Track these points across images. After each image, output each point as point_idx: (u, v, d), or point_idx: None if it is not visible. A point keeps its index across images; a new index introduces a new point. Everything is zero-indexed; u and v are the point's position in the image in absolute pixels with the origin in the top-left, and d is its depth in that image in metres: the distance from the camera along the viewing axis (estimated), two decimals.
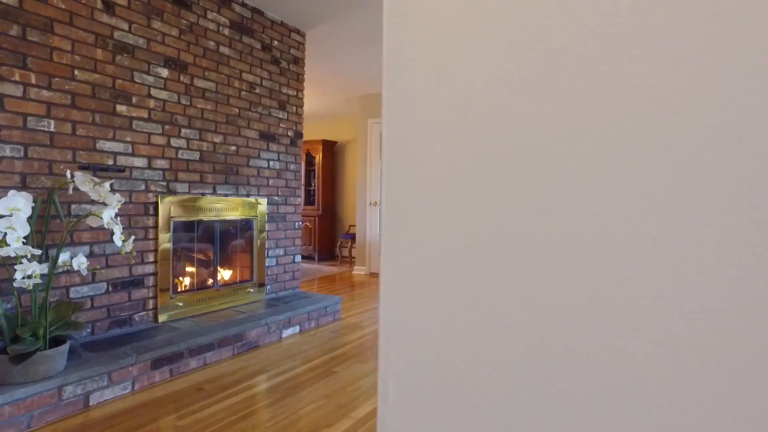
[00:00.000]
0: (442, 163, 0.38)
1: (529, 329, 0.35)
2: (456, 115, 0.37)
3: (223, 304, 3.43)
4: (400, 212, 0.39)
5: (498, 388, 0.36)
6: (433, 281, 0.38)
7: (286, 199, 4.03)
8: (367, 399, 2.41)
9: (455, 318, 0.37)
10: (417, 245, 0.39)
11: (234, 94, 3.47)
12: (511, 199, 0.35)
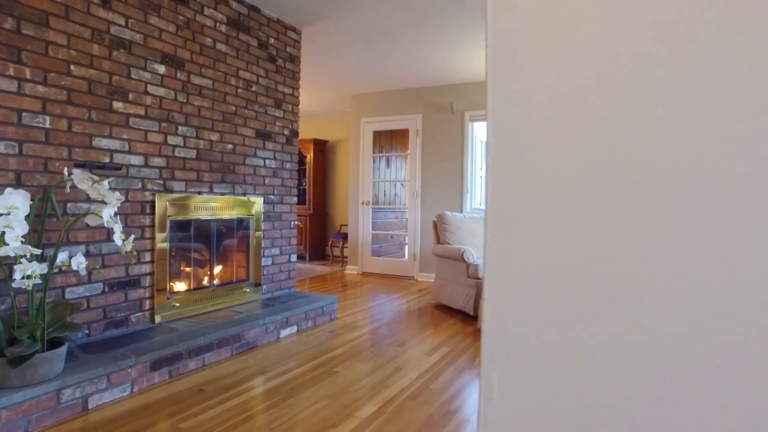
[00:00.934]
0: (549, 169, 0.37)
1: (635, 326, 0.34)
2: (565, 120, 0.36)
3: (219, 305, 3.38)
4: (506, 213, 0.38)
5: (608, 385, 0.35)
6: (541, 278, 0.37)
7: (282, 198, 4.00)
8: (370, 399, 2.40)
9: (562, 314, 0.37)
10: (522, 244, 0.38)
11: (230, 92, 3.43)
12: (616, 203, 0.35)
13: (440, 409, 2.30)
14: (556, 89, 0.37)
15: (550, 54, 0.37)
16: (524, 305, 0.37)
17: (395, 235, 7.70)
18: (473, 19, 3.93)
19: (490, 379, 0.39)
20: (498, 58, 0.39)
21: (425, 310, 4.55)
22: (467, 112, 6.02)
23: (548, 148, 0.37)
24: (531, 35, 0.38)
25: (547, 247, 0.37)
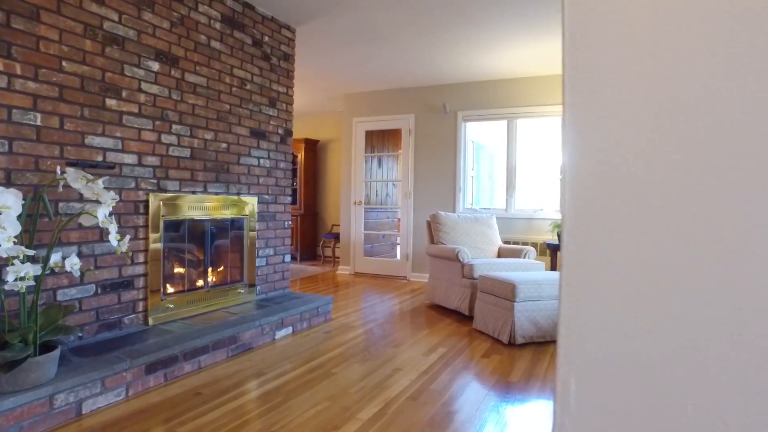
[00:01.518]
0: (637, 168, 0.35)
1: (732, 330, 0.33)
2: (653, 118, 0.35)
3: (214, 306, 3.33)
4: (586, 213, 0.36)
5: (699, 391, 0.34)
6: (626, 279, 0.36)
7: (276, 197, 3.95)
8: (371, 400, 2.37)
9: (649, 317, 0.35)
10: (605, 244, 0.36)
11: (225, 90, 3.38)
12: (708, 203, 0.33)
13: (442, 410, 2.29)
14: (641, 85, 0.35)
15: (633, 48, 0.35)
16: (606, 307, 0.35)
17: (387, 235, 7.69)
18: (467, 18, 3.92)
19: (567, 383, 0.37)
20: (576, 51, 0.37)
21: (419, 310, 4.54)
22: (460, 112, 6.03)
23: (635, 147, 0.35)
24: (613, 25, 0.36)
25: (634, 247, 0.35)
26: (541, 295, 3.45)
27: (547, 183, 5.83)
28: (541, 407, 2.34)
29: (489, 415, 2.24)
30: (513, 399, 2.43)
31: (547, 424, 2.15)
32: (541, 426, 2.14)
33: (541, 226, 5.57)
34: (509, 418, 2.22)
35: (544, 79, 5.54)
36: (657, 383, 0.35)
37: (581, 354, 0.36)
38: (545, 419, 2.20)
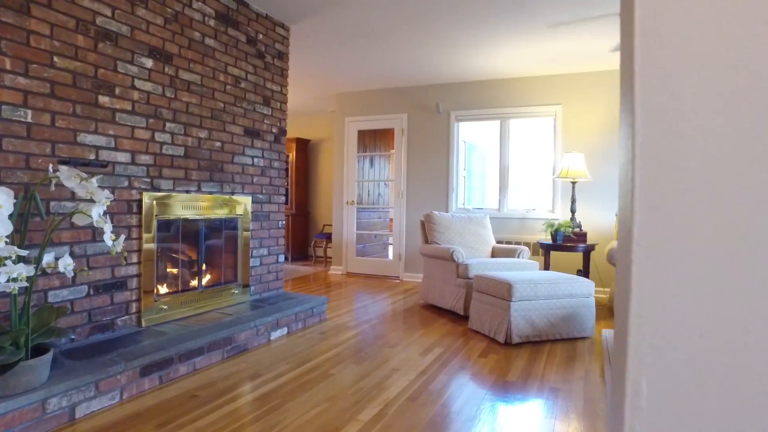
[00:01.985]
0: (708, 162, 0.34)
1: None
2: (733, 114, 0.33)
3: (207, 307, 3.28)
4: (660, 209, 0.35)
5: None
6: (702, 275, 0.34)
7: (270, 197, 3.91)
8: (371, 401, 2.35)
9: (729, 317, 0.33)
10: (682, 241, 0.35)
11: (219, 88, 3.34)
12: None
13: (442, 410, 2.27)
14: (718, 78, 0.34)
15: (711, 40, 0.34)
16: (681, 304, 0.33)
17: (379, 235, 7.67)
18: (461, 18, 3.92)
19: (638, 384, 0.35)
20: (649, 43, 0.35)
21: (414, 310, 4.53)
22: (453, 112, 6.03)
23: (713, 140, 0.33)
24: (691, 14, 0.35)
25: (711, 243, 0.33)
26: (537, 294, 3.46)
27: (539, 183, 5.86)
28: (540, 407, 2.33)
29: (489, 415, 2.23)
30: (512, 399, 2.43)
31: (546, 424, 2.14)
32: (542, 425, 2.13)
33: (534, 225, 5.59)
34: (509, 418, 2.21)
35: (536, 80, 5.56)
36: (735, 384, 0.33)
37: (653, 354, 0.34)
38: (545, 418, 2.20)
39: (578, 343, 3.49)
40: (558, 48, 4.59)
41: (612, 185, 5.21)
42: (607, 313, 4.47)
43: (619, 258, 0.43)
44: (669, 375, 0.34)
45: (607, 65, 5.09)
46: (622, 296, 0.39)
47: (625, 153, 0.43)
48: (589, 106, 5.31)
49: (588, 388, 2.58)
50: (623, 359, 0.38)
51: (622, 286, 0.41)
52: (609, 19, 3.83)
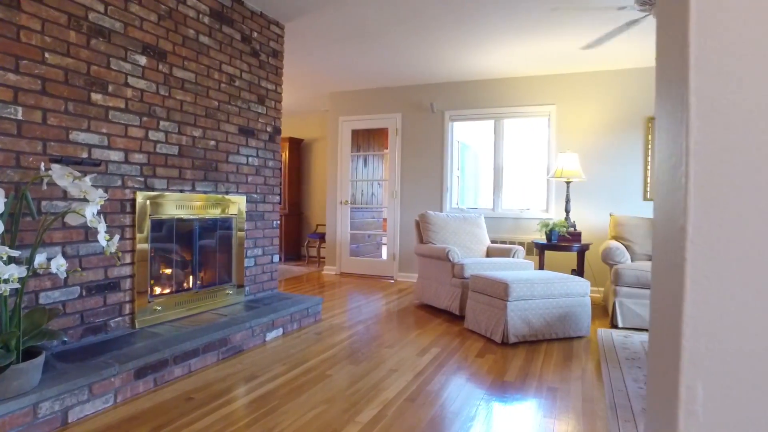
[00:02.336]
0: None
1: None
2: None
3: (202, 307, 3.24)
4: (717, 206, 0.33)
5: None
6: (765, 274, 0.32)
7: (265, 196, 3.87)
8: (369, 402, 2.33)
9: None
10: (739, 237, 0.33)
11: (213, 86, 3.29)
12: None
13: (441, 411, 2.26)
14: None
15: None
16: (740, 307, 0.32)
17: (372, 235, 7.64)
18: (457, 17, 3.91)
19: (694, 389, 0.33)
20: (706, 30, 0.34)
21: (409, 310, 4.51)
22: (447, 111, 6.02)
23: None
24: None
25: None
26: (534, 294, 3.45)
27: (533, 183, 5.87)
28: (539, 406, 2.32)
29: (489, 415, 2.22)
30: (511, 399, 2.42)
31: (545, 424, 2.13)
32: (541, 425, 2.12)
33: (528, 225, 5.60)
34: (509, 418, 2.20)
35: (530, 80, 5.57)
36: None
37: (710, 357, 0.33)
38: (544, 418, 2.19)
39: (574, 342, 3.49)
40: (552, 48, 4.60)
41: (606, 185, 5.23)
42: (601, 312, 4.49)
43: (663, 257, 0.41)
44: (727, 379, 0.32)
45: (601, 66, 5.11)
46: (668, 297, 0.38)
47: (669, 147, 0.41)
48: (582, 106, 5.33)
49: (586, 388, 2.58)
50: (675, 363, 0.36)
51: (666, 286, 0.39)
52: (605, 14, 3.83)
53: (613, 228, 4.60)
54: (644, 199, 5.06)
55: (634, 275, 3.83)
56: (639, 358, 3.06)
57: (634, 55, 4.74)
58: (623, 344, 3.39)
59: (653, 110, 5.05)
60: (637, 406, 2.30)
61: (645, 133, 5.07)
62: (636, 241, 4.39)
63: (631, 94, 5.12)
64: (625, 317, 3.85)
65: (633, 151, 5.12)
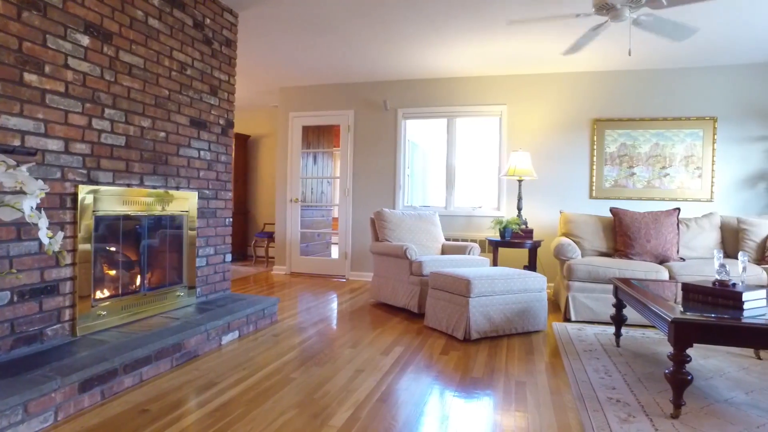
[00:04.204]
0: None
1: None
2: None
3: (151, 311, 3.00)
4: None
5: None
6: None
7: (217, 193, 3.66)
8: (340, 405, 2.24)
9: None
10: None
11: (164, 74, 3.06)
12: None
13: (415, 410, 2.21)
14: None
15: None
16: None
17: (322, 234, 7.50)
18: (413, 14, 3.89)
19: None
20: None
21: (366, 309, 4.44)
22: (401, 109, 6.01)
23: None
24: None
25: None
26: (494, 290, 3.49)
27: (485, 181, 5.97)
28: (510, 401, 2.33)
29: (463, 412, 2.20)
30: (482, 395, 2.41)
31: (518, 418, 2.14)
32: (515, 419, 2.12)
33: (480, 223, 5.69)
34: (482, 413, 2.19)
35: (483, 79, 5.66)
36: None
37: None
38: (516, 412, 2.19)
39: (533, 336, 3.56)
40: (507, 49, 4.69)
41: (555, 184, 5.41)
42: (552, 307, 4.63)
43: None
44: None
45: (551, 68, 5.28)
46: None
47: None
48: (533, 106, 5.49)
49: (552, 381, 2.62)
50: None
51: None
52: (559, 21, 3.94)
53: (563, 225, 4.76)
54: (590, 197, 5.28)
55: (586, 270, 3.97)
56: (596, 350, 3.16)
57: (582, 60, 4.93)
58: (578, 337, 3.50)
59: (599, 113, 5.29)
60: (602, 396, 2.36)
61: (591, 135, 5.30)
62: (585, 238, 4.56)
63: (579, 97, 5.33)
64: (578, 311, 3.99)
65: (580, 152, 5.33)
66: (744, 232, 4.24)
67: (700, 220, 4.44)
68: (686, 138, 5.01)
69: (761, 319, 2.15)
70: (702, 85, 5.01)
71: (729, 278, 2.46)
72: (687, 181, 5.04)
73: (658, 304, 2.42)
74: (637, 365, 2.86)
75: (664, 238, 4.18)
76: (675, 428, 2.02)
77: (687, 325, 2.09)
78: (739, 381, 2.64)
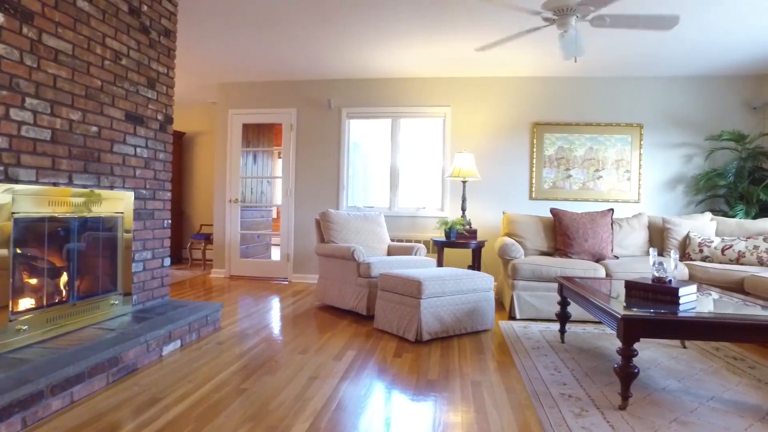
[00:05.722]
0: None
1: None
2: None
3: (81, 322, 2.73)
4: None
5: None
6: None
7: (155, 193, 3.42)
8: (298, 414, 2.14)
9: None
10: None
11: (95, 62, 2.80)
12: None
13: (378, 415, 2.15)
14: None
15: None
16: None
17: (262, 235, 7.26)
18: (360, 11, 3.84)
19: None
20: None
21: (312, 312, 4.34)
22: (345, 109, 5.94)
23: None
24: None
25: None
26: (445, 290, 3.51)
27: (429, 182, 6.03)
28: (468, 401, 2.34)
29: (425, 415, 2.18)
30: (441, 397, 2.40)
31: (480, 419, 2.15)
32: (477, 420, 2.13)
33: (425, 223, 5.74)
34: (445, 416, 2.18)
35: (428, 81, 5.72)
36: None
37: None
38: (477, 413, 2.21)
39: (482, 335, 3.63)
40: (451, 52, 4.76)
41: (497, 185, 5.57)
42: (496, 305, 4.75)
43: None
44: None
45: (494, 72, 5.42)
46: None
47: None
48: (476, 109, 5.61)
49: (506, 379, 2.67)
50: None
51: None
52: (512, 30, 4.04)
53: (506, 225, 4.90)
54: (530, 198, 5.49)
55: (530, 269, 4.11)
56: (543, 347, 3.27)
57: (524, 64, 5.11)
58: (525, 335, 3.61)
59: (539, 117, 5.50)
60: (555, 392, 2.43)
61: (531, 138, 5.51)
62: (527, 237, 4.72)
63: (520, 101, 5.52)
64: (522, 309, 4.12)
65: (521, 154, 5.53)
66: (668, 231, 4.58)
67: (631, 220, 4.74)
68: (617, 143, 5.34)
69: (692, 312, 2.31)
70: (631, 94, 5.35)
71: (666, 275, 2.63)
72: (617, 183, 5.37)
73: (607, 301, 2.53)
74: (583, 360, 2.99)
75: (600, 237, 4.42)
76: (624, 419, 2.11)
77: (635, 321, 2.19)
78: (671, 370, 2.83)
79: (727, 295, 2.86)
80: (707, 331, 2.22)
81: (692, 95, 5.29)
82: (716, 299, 2.74)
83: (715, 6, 3.55)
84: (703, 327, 2.21)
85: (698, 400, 2.36)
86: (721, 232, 4.48)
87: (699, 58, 4.71)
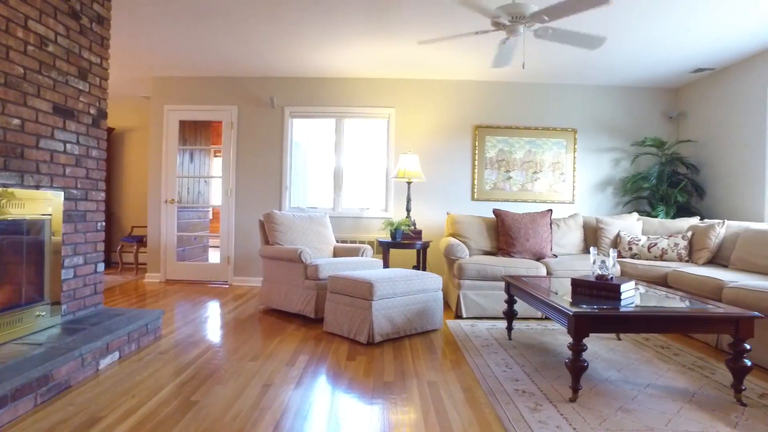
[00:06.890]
0: None
1: None
2: None
3: (1, 338, 2.46)
4: None
5: None
6: None
7: (87, 193, 3.15)
8: (255, 426, 2.05)
9: None
10: None
11: (16, 47, 2.53)
12: None
13: (342, 422, 2.11)
14: None
15: None
16: None
17: (199, 237, 6.94)
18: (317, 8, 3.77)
19: None
20: None
21: (257, 317, 4.20)
22: (288, 107, 5.81)
23: None
24: None
25: None
26: (396, 292, 3.52)
27: (372, 183, 6.03)
28: (427, 402, 2.35)
29: (387, 419, 2.16)
30: (400, 399, 2.40)
31: (442, 420, 2.17)
32: (439, 420, 2.14)
33: (369, 224, 5.74)
34: (408, 418, 2.17)
35: (373, 82, 5.72)
36: None
37: None
38: (439, 414, 2.22)
39: (431, 335, 3.67)
40: (398, 54, 4.78)
41: (441, 186, 5.67)
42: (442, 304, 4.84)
43: None
44: None
45: (438, 75, 5.52)
46: None
47: None
48: (420, 111, 5.69)
49: (461, 378, 2.71)
50: None
51: None
52: (456, 31, 4.12)
53: (450, 226, 5.00)
54: (472, 199, 5.64)
55: (476, 269, 4.21)
56: (492, 345, 3.36)
57: (467, 68, 5.24)
58: (473, 333, 3.69)
59: (481, 119, 5.66)
60: (509, 388, 2.50)
61: (473, 140, 5.66)
62: (471, 238, 4.85)
63: (463, 104, 5.66)
64: (469, 308, 4.21)
65: (463, 156, 5.66)
66: (601, 230, 4.87)
67: (567, 220, 5.00)
68: (553, 146, 5.62)
69: (632, 307, 2.46)
70: (566, 100, 5.65)
71: (608, 272, 2.78)
72: (554, 184, 5.64)
73: (553, 299, 2.64)
74: (531, 356, 3.10)
75: (540, 237, 4.62)
76: (576, 411, 2.21)
77: (586, 317, 2.31)
78: (611, 361, 3.01)
79: (653, 289, 3.09)
80: (647, 324, 2.37)
81: (620, 103, 5.67)
82: (643, 293, 2.94)
83: (634, 30, 3.84)
84: (643, 320, 2.36)
85: (637, 388, 2.53)
86: (647, 231, 4.84)
87: (625, 71, 5.07)
